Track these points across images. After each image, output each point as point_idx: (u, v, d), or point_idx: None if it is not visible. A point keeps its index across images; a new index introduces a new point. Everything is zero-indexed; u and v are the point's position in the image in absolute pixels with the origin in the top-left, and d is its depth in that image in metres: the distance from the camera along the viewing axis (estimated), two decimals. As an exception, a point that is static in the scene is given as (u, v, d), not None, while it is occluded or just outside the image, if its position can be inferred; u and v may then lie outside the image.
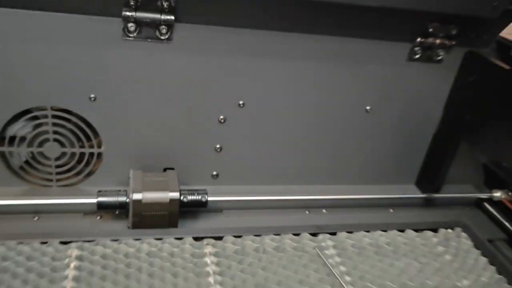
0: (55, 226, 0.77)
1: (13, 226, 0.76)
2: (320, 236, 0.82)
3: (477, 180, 1.03)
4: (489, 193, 1.00)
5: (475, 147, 0.98)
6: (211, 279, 0.69)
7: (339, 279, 0.72)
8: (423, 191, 0.99)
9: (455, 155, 0.97)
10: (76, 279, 0.66)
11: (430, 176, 0.99)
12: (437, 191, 0.99)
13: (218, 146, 0.88)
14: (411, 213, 0.96)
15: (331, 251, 0.79)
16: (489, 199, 1.01)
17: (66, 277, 0.66)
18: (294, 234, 0.81)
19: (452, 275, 0.78)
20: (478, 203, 1.02)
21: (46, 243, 0.71)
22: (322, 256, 0.77)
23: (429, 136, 0.96)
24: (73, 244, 0.72)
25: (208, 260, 0.73)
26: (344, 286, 0.71)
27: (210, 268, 0.71)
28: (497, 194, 1.00)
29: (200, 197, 0.82)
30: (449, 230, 0.89)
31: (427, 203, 0.99)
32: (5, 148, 0.79)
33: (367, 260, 0.78)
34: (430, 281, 0.76)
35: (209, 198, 0.83)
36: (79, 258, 0.69)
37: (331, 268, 0.74)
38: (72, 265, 0.68)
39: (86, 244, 0.72)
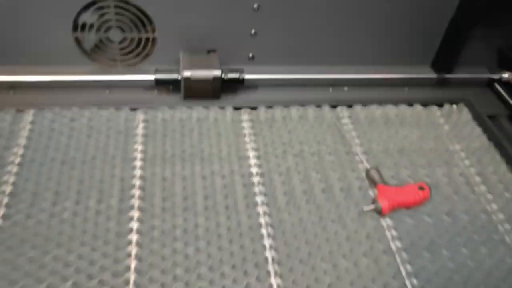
0: (123, 97, 0.96)
1: (92, 97, 0.95)
2: (338, 109, 0.98)
3: (490, 62, 1.12)
4: (500, 74, 1.11)
5: (490, 31, 1.06)
6: (247, 138, 0.89)
7: (350, 141, 0.90)
8: (437, 72, 1.10)
9: (470, 39, 1.06)
10: (144, 136, 0.87)
11: (444, 57, 1.09)
12: (450, 72, 1.10)
13: (253, 31, 1.01)
14: (423, 91, 1.08)
15: (347, 121, 0.95)
16: (499, 79, 1.11)
17: (137, 135, 0.87)
18: (317, 106, 0.98)
19: (447, 141, 0.93)
20: (488, 84, 1.13)
21: (119, 109, 0.91)
22: (338, 124, 0.93)
23: (446, 20, 1.05)
24: (139, 111, 0.92)
25: (245, 124, 0.92)
26: (354, 146, 0.89)
27: (246, 131, 0.90)
28: (506, 75, 1.10)
29: (238, 75, 0.98)
30: (454, 105, 1.03)
31: (440, 83, 1.11)
32: (78, 34, 0.96)
33: (376, 128, 0.94)
34: (426, 145, 0.92)
35: (246, 76, 0.99)
36: (145, 121, 0.90)
37: (345, 133, 0.91)
38: (140, 126, 0.89)
39: (150, 111, 0.92)
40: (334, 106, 0.98)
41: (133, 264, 0.66)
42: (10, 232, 0.68)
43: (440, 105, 1.02)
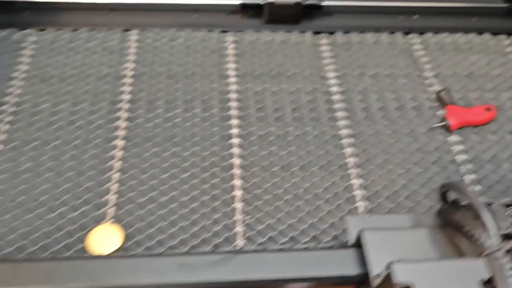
0: (210, 21, 1.05)
1: (181, 20, 1.05)
2: (410, 35, 1.04)
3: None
4: None
5: None
6: (326, 61, 0.97)
7: (422, 65, 0.97)
8: (507, 1, 1.13)
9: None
10: (235, 56, 0.97)
11: (516, -13, 1.12)
12: (521, 2, 1.13)
13: (331, -40, 1.06)
14: (492, 20, 1.11)
15: (418, 47, 1.02)
16: None
17: (228, 54, 0.97)
18: (390, 33, 1.04)
19: (514, 67, 1.00)
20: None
21: (211, 31, 1.01)
22: (410, 49, 1.00)
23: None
24: (228, 33, 1.01)
25: (323, 48, 1.00)
26: (425, 70, 0.96)
27: (325, 54, 0.99)
28: None
29: (317, 0, 1.05)
30: (522, 35, 1.07)
31: (509, 12, 1.14)
32: (170, -40, 1.04)
33: (446, 54, 1.01)
34: (493, 71, 0.98)
35: (324, 3, 1.06)
36: (235, 42, 0.99)
37: (416, 58, 0.99)
38: (230, 47, 0.99)
39: (237, 33, 1.01)
40: (406, 33, 1.04)
41: (237, 161, 0.79)
42: (134, 132, 0.82)
43: (509, 34, 1.07)
